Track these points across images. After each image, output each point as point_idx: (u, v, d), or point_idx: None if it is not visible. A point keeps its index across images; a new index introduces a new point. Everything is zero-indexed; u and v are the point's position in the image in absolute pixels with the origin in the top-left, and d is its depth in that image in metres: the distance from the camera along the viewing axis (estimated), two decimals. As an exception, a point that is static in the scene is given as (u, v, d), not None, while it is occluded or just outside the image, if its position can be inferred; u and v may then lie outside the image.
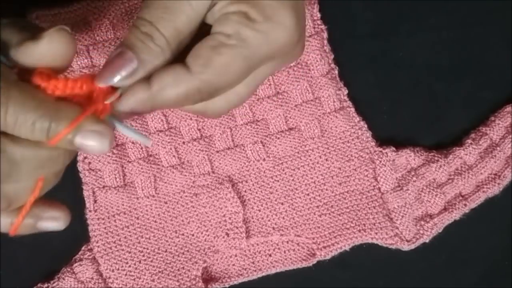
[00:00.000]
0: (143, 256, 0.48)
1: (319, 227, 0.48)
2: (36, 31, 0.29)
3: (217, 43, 0.31)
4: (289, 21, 0.32)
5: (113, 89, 0.31)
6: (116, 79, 0.30)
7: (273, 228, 0.48)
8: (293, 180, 0.49)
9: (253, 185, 0.49)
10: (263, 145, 0.49)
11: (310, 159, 0.49)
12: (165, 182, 0.48)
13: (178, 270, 0.48)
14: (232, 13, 0.31)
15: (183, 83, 0.31)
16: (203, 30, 0.32)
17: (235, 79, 0.32)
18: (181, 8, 0.30)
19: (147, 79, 0.31)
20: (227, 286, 0.49)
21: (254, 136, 0.48)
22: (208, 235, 0.48)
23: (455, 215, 0.49)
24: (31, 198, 0.30)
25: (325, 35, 0.49)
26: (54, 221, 0.32)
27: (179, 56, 0.32)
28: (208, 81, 0.31)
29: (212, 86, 0.31)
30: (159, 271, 0.48)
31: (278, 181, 0.49)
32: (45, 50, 0.29)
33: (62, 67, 0.30)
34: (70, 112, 0.29)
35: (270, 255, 0.49)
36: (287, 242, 0.49)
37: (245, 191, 0.49)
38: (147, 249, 0.48)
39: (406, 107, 0.51)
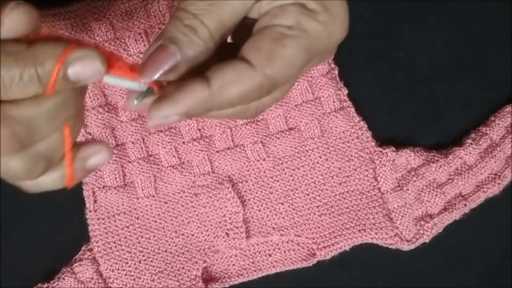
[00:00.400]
0: (143, 256, 0.48)
1: (319, 227, 0.48)
2: None
3: (279, 35, 0.29)
4: (345, 14, 0.31)
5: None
6: (159, 74, 0.28)
7: (273, 228, 0.48)
8: (293, 180, 0.49)
9: (253, 185, 0.49)
10: (263, 145, 0.49)
11: (310, 159, 0.49)
12: (165, 182, 0.48)
13: (178, 270, 0.48)
14: (289, 5, 0.29)
15: (246, 80, 0.28)
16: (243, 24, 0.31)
17: (297, 72, 0.30)
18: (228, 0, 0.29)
19: (203, 77, 0.28)
20: (227, 286, 0.49)
21: (254, 136, 0.48)
22: (208, 235, 0.48)
23: (455, 215, 0.49)
24: (66, 146, 0.29)
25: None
26: (99, 154, 0.31)
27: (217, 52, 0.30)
28: (272, 75, 0.29)
29: (275, 81, 0.29)
30: (159, 271, 0.48)
31: (278, 181, 0.49)
32: (7, 30, 0.26)
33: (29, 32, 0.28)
34: (50, 50, 0.27)
35: (270, 255, 0.49)
36: (287, 242, 0.49)
37: (245, 191, 0.49)
38: (147, 249, 0.48)
39: (406, 107, 0.51)
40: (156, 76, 0.28)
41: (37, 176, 0.29)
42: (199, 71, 0.29)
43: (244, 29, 0.31)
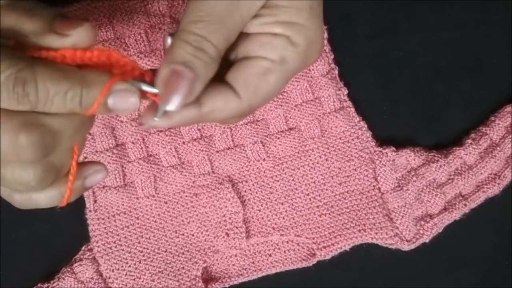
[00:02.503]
0: (143, 256, 0.48)
1: (319, 227, 0.48)
2: (46, 14, 0.29)
3: (264, 70, 0.32)
4: (322, 40, 0.34)
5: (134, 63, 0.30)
6: (180, 100, 0.29)
7: (273, 228, 0.48)
8: (293, 180, 0.49)
9: (253, 185, 0.49)
10: (263, 145, 0.49)
11: (310, 159, 0.49)
12: (165, 182, 0.48)
13: (178, 270, 0.48)
14: (275, 36, 0.32)
15: (232, 109, 0.32)
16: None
17: (275, 95, 0.35)
18: (233, 20, 0.30)
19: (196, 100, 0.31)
20: (227, 286, 0.49)
21: (254, 136, 0.48)
22: (208, 235, 0.48)
23: (455, 215, 0.49)
24: (73, 163, 0.31)
25: (325, 35, 0.49)
26: (99, 173, 0.33)
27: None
28: (255, 105, 0.32)
29: (256, 107, 0.33)
30: (159, 271, 0.48)
31: (278, 181, 0.49)
32: (69, 44, 0.29)
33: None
34: (97, 77, 0.29)
35: (270, 255, 0.49)
36: (287, 242, 0.49)
37: (245, 191, 0.49)
38: (147, 249, 0.48)
39: (406, 107, 0.51)
40: (178, 103, 0.29)
41: (43, 188, 0.30)
42: None
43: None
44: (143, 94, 0.30)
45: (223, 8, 0.30)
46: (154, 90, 0.30)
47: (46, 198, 0.31)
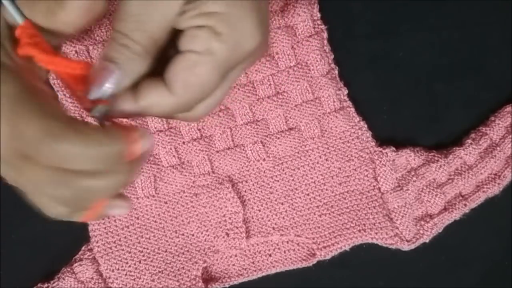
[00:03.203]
0: (143, 256, 0.48)
1: (319, 227, 0.48)
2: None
3: (191, 64, 0.33)
4: (254, 28, 0.34)
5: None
6: (104, 90, 0.32)
7: (273, 228, 0.48)
8: (293, 180, 0.49)
9: (253, 185, 0.49)
10: (263, 145, 0.49)
11: (310, 159, 0.49)
12: (165, 182, 0.48)
13: (178, 270, 0.48)
14: (199, 29, 0.33)
15: (167, 104, 0.33)
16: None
17: (212, 90, 0.34)
18: (152, 18, 0.32)
19: (134, 92, 0.33)
20: (227, 286, 0.49)
21: (254, 136, 0.48)
22: (208, 235, 0.48)
23: (455, 215, 0.49)
24: (100, 204, 0.33)
25: (325, 35, 0.49)
26: (120, 208, 0.35)
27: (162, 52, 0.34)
28: (189, 99, 0.34)
29: (193, 102, 0.34)
30: (159, 271, 0.48)
31: (278, 181, 0.49)
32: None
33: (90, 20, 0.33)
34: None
35: (270, 255, 0.49)
36: (287, 242, 0.49)
37: (245, 191, 0.49)
38: (147, 249, 0.48)
39: (406, 107, 0.51)
40: (102, 92, 0.32)
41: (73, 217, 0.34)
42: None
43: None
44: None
45: (138, 8, 0.32)
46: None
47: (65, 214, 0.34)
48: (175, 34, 0.34)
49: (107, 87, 0.32)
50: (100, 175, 0.30)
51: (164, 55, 0.34)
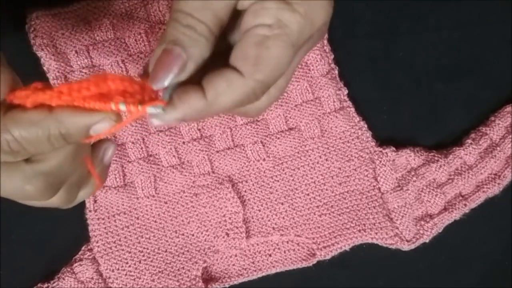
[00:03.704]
0: (143, 256, 0.48)
1: (319, 227, 0.48)
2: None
3: (261, 38, 0.29)
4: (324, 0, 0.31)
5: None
6: (170, 78, 0.29)
7: (273, 228, 0.48)
8: (293, 180, 0.49)
9: (253, 185, 0.49)
10: (263, 145, 0.49)
11: (310, 159, 0.49)
12: (165, 182, 0.48)
13: (178, 270, 0.48)
14: (267, 0, 0.30)
15: (238, 88, 0.29)
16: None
17: (286, 67, 0.31)
18: None
19: (199, 86, 0.30)
20: (227, 286, 0.49)
21: (254, 136, 0.48)
22: (208, 235, 0.48)
23: (455, 215, 0.49)
24: (91, 171, 0.33)
25: (325, 35, 0.49)
26: (109, 149, 0.34)
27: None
28: (263, 79, 0.30)
29: (266, 83, 0.30)
30: (159, 271, 0.48)
31: (278, 181, 0.49)
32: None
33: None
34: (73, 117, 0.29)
35: (270, 255, 0.49)
36: (287, 242, 0.49)
37: (245, 191, 0.49)
38: (147, 249, 0.48)
39: (406, 107, 0.51)
40: (168, 81, 0.29)
41: (73, 201, 0.33)
42: (203, 69, 0.30)
43: (235, 22, 0.32)
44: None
45: None
46: (158, 109, 0.29)
47: (84, 194, 0.34)
48: (236, 18, 0.31)
49: (174, 72, 0.29)
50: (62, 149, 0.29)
51: (224, 42, 0.31)
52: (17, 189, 0.30)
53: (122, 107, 0.28)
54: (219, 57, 0.31)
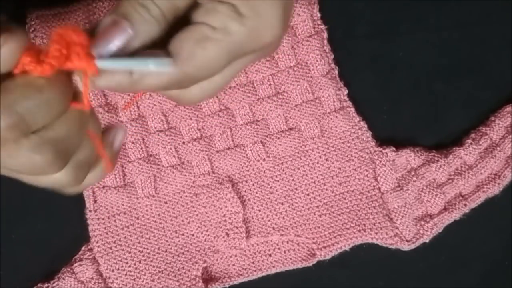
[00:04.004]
0: (143, 256, 0.48)
1: (319, 227, 0.48)
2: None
3: (202, 36, 0.31)
4: (277, 20, 0.32)
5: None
6: (111, 48, 0.29)
7: (273, 228, 0.48)
8: (293, 180, 0.49)
9: (253, 185, 0.49)
10: (263, 145, 0.49)
11: (310, 159, 0.49)
12: (165, 182, 0.48)
13: (178, 270, 0.48)
14: (221, 3, 0.31)
15: (165, 75, 0.31)
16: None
17: (216, 71, 0.32)
18: None
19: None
20: (227, 286, 0.49)
21: (254, 136, 0.48)
22: (208, 235, 0.48)
23: (455, 215, 0.49)
24: (98, 148, 0.33)
25: (325, 35, 0.49)
26: (119, 133, 0.35)
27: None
28: (190, 73, 0.31)
29: (193, 78, 0.32)
30: (159, 271, 0.48)
31: (278, 181, 0.49)
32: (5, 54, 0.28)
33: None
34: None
35: (270, 255, 0.49)
36: (287, 242, 0.49)
37: (245, 191, 0.49)
38: (147, 249, 0.48)
39: (406, 107, 0.51)
40: (108, 50, 0.29)
41: (82, 181, 0.32)
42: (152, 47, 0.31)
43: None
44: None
45: None
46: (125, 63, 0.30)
47: (93, 177, 0.34)
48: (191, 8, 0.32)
49: (115, 44, 0.29)
50: (60, 120, 0.29)
51: (175, 29, 0.32)
52: (25, 160, 0.29)
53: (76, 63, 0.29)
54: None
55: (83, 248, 0.48)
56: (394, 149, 0.49)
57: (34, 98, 0.28)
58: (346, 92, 0.49)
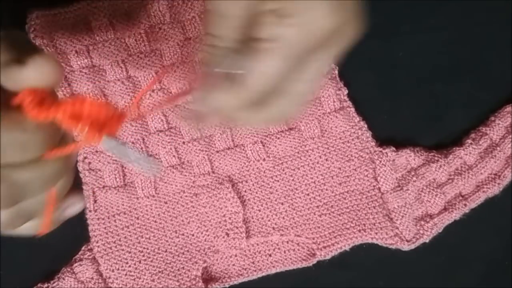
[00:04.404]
0: (143, 256, 0.48)
1: (319, 227, 0.48)
2: (24, 50, 0.27)
3: (255, 51, 0.30)
4: (327, 8, 0.30)
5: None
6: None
7: (273, 228, 0.48)
8: (293, 180, 0.49)
9: (253, 185, 0.49)
10: (263, 145, 0.49)
11: (310, 159, 0.49)
12: (165, 182, 0.48)
13: (178, 270, 0.48)
14: (264, 14, 0.30)
15: (233, 97, 0.32)
16: None
17: (278, 80, 0.31)
18: (234, 12, 0.30)
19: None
20: (227, 286, 0.49)
21: (254, 136, 0.48)
22: (208, 235, 0.48)
23: (455, 215, 0.49)
24: (50, 207, 0.31)
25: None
26: (75, 205, 0.33)
27: None
28: (256, 91, 0.31)
29: (261, 94, 0.32)
30: (159, 271, 0.48)
31: (278, 181, 0.49)
32: (29, 75, 0.26)
33: (47, 90, 0.28)
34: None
35: (270, 255, 0.49)
36: (287, 242, 0.49)
37: (245, 191, 0.49)
38: (147, 249, 0.48)
39: (406, 107, 0.51)
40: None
41: (15, 228, 0.31)
42: None
43: None
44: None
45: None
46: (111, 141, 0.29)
47: (25, 228, 0.32)
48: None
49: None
50: (29, 165, 0.27)
51: None
52: None
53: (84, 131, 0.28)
54: None
55: (83, 248, 0.48)
56: (394, 149, 0.49)
57: (13, 135, 0.26)
58: (346, 92, 0.49)
